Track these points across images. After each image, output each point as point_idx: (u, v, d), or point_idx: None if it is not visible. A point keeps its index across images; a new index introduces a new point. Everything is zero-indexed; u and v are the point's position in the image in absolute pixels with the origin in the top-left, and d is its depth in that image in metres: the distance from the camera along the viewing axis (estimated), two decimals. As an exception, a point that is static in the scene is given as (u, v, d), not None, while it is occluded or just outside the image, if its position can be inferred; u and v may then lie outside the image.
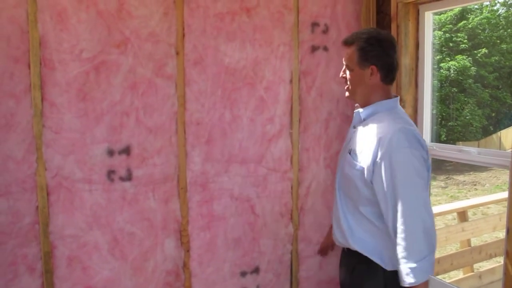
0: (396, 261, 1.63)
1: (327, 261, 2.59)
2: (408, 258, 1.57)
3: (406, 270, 1.58)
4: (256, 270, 2.41)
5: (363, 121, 1.79)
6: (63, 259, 1.99)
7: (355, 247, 1.77)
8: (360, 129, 1.78)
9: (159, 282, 2.19)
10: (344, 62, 1.80)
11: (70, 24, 1.92)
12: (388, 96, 1.77)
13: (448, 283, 2.55)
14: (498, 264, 4.44)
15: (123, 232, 2.09)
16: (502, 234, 6.03)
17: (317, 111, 2.49)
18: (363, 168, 1.67)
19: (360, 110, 1.79)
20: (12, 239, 1.90)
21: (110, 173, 2.05)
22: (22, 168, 1.89)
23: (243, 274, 2.39)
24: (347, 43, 1.79)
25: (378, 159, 1.62)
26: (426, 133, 2.49)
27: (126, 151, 2.07)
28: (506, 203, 1.98)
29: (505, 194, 6.78)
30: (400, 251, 1.59)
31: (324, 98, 2.50)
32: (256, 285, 2.42)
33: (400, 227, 1.58)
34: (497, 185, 12.67)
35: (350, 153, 1.77)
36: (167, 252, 2.19)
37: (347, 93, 1.84)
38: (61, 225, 1.98)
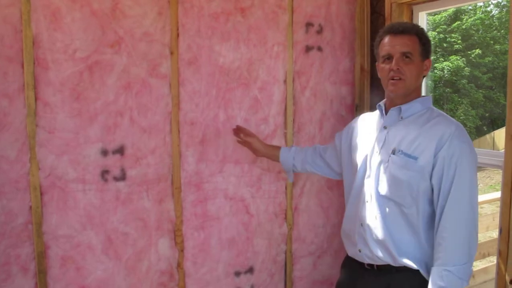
0: (430, 261, 1.59)
1: (322, 261, 2.59)
2: (445, 259, 1.52)
3: (440, 273, 1.52)
4: (250, 270, 2.42)
5: (402, 119, 1.71)
6: (56, 259, 1.98)
7: (403, 261, 1.64)
8: (401, 127, 1.70)
9: (153, 282, 2.18)
10: (400, 52, 1.66)
11: (64, 24, 1.92)
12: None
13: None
14: (491, 264, 4.46)
15: (117, 232, 2.09)
16: (495, 234, 6.06)
17: (311, 111, 2.49)
18: (423, 166, 1.59)
19: (402, 107, 1.70)
20: (5, 239, 1.89)
21: (104, 173, 2.04)
22: (15, 168, 1.88)
23: (237, 274, 2.39)
24: (405, 31, 1.67)
25: (441, 154, 1.56)
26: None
27: (120, 151, 2.06)
28: (499, 203, 1.99)
29: (498, 194, 6.82)
30: (439, 250, 1.54)
31: (318, 98, 2.51)
32: (250, 285, 2.42)
33: (445, 225, 1.54)
34: (491, 185, 12.73)
35: (395, 154, 1.66)
36: (161, 252, 2.19)
37: (394, 87, 1.67)
38: (54, 225, 1.97)
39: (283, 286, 2.52)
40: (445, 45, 20.44)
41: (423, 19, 2.47)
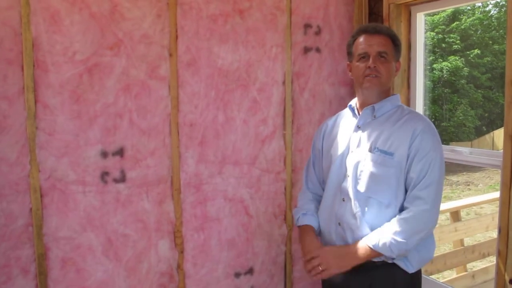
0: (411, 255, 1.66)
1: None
2: (400, 233, 1.59)
3: (392, 241, 1.59)
4: (250, 271, 2.42)
5: (375, 118, 1.76)
6: (57, 261, 1.99)
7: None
8: (375, 126, 1.74)
9: (153, 284, 2.19)
10: (377, 51, 1.70)
11: (63, 26, 1.92)
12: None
13: (442, 282, 2.57)
14: (491, 264, 4.47)
15: (117, 233, 2.09)
16: (495, 234, 6.07)
17: (310, 112, 2.50)
18: (400, 161, 1.64)
19: (375, 106, 1.74)
20: (5, 241, 1.89)
21: (104, 174, 2.05)
22: (15, 170, 1.89)
23: (237, 275, 2.39)
24: (380, 31, 1.73)
25: (414, 147, 1.63)
26: (419, 134, 2.50)
27: (120, 152, 2.07)
28: (498, 203, 2.00)
29: (498, 194, 6.84)
30: (396, 225, 1.60)
31: (317, 99, 2.51)
32: (250, 286, 2.43)
33: (410, 207, 1.62)
34: (491, 185, 12.74)
35: (371, 152, 1.70)
36: (161, 253, 2.19)
37: (370, 84, 1.71)
38: (54, 227, 1.97)
39: (283, 287, 2.53)
40: (443, 45, 20.44)
41: (421, 20, 2.48)
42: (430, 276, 2.64)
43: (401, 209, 1.68)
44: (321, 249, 1.74)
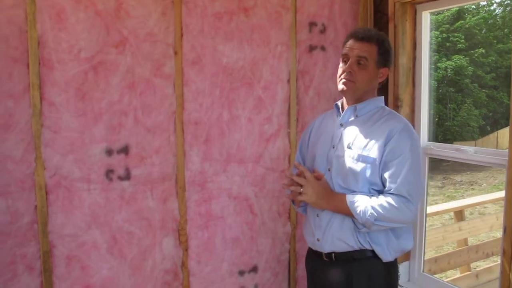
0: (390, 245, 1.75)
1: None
2: (378, 210, 1.65)
3: (366, 209, 1.66)
4: (254, 269, 2.42)
5: (356, 117, 1.83)
6: (62, 258, 1.99)
7: (364, 244, 1.75)
8: (356, 124, 1.81)
9: (157, 281, 2.19)
10: (356, 56, 1.75)
11: (69, 24, 1.93)
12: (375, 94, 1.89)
13: (446, 282, 2.57)
14: (495, 263, 4.46)
15: (121, 231, 2.10)
16: (499, 234, 6.04)
17: (315, 111, 2.50)
18: (375, 159, 1.71)
19: (357, 106, 1.82)
20: (11, 238, 1.90)
21: (109, 172, 2.05)
22: (20, 167, 1.89)
23: (241, 273, 2.40)
24: (366, 38, 1.76)
25: (389, 146, 1.69)
26: (424, 132, 2.51)
27: (125, 150, 2.07)
28: (503, 203, 2.00)
29: (502, 194, 6.81)
30: (380, 202, 1.66)
31: (322, 97, 2.51)
32: (254, 284, 2.43)
33: (390, 199, 1.66)
34: (494, 185, 12.69)
35: (350, 148, 1.77)
36: (166, 251, 2.20)
37: (345, 87, 1.77)
38: (60, 224, 1.98)
39: (287, 285, 2.53)
40: (448, 44, 20.36)
41: (426, 19, 2.47)
42: (434, 275, 2.64)
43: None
44: (313, 178, 1.79)
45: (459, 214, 4.47)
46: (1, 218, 1.87)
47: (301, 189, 1.76)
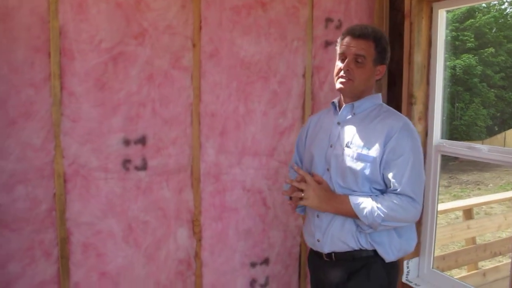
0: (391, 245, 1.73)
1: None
2: (384, 210, 1.63)
3: (372, 210, 1.64)
4: (265, 261, 2.45)
5: (354, 115, 1.81)
6: (78, 245, 2.03)
7: (365, 245, 1.74)
8: (354, 123, 1.79)
9: (171, 271, 2.22)
10: (354, 54, 1.73)
11: (90, 15, 1.95)
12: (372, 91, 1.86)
13: (455, 278, 2.58)
14: (503, 263, 4.47)
15: (137, 220, 2.13)
16: (505, 234, 6.06)
17: (329, 106, 2.51)
18: (375, 157, 1.69)
19: (354, 104, 1.80)
20: (30, 224, 1.93)
21: (126, 162, 2.08)
22: (40, 155, 1.93)
23: (253, 265, 2.42)
24: (363, 36, 1.74)
25: (389, 145, 1.68)
26: (437, 130, 2.51)
27: (142, 141, 2.10)
28: (510, 203, 2.01)
29: (508, 194, 6.80)
30: (386, 202, 1.65)
31: (336, 93, 2.49)
32: (266, 276, 2.46)
33: (396, 198, 1.65)
34: (501, 185, 12.67)
35: (349, 147, 1.74)
36: (180, 241, 2.23)
37: (343, 86, 1.76)
38: (77, 212, 2.01)
39: (297, 277, 2.55)
40: (457, 43, 20.26)
41: (442, 17, 2.47)
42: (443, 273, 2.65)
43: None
44: (314, 181, 1.75)
45: (468, 213, 4.47)
46: (21, 205, 1.91)
47: (302, 194, 1.73)
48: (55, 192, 1.96)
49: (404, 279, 2.50)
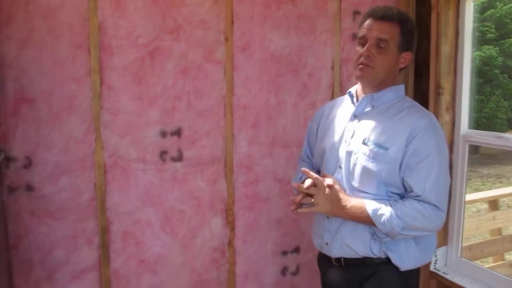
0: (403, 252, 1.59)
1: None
2: (403, 218, 1.50)
3: (391, 217, 1.49)
4: (296, 250, 2.50)
5: (373, 108, 1.64)
6: (118, 234, 2.11)
7: (378, 253, 1.60)
8: (372, 117, 1.62)
9: (206, 258, 2.30)
10: (375, 38, 1.55)
11: (127, 11, 2.02)
12: (397, 82, 1.68)
13: (484, 267, 2.60)
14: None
15: (173, 210, 2.20)
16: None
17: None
18: (394, 157, 1.54)
19: (374, 96, 1.63)
20: (73, 214, 2.02)
21: (163, 153, 2.15)
22: (82, 147, 2.01)
23: (284, 253, 2.48)
24: (387, 18, 1.55)
25: (412, 145, 1.52)
26: (464, 120, 2.53)
27: (178, 133, 2.17)
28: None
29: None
30: (405, 209, 1.50)
31: (364, 84, 2.56)
32: (297, 264, 2.51)
33: (418, 206, 1.51)
34: (514, 181, 12.50)
35: (365, 144, 1.58)
36: (214, 230, 2.30)
37: (361, 73, 1.58)
38: (116, 202, 2.09)
39: (327, 266, 2.60)
40: (477, 34, 19.97)
41: (470, 7, 2.49)
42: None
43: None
44: (324, 184, 1.58)
45: (494, 204, 4.46)
46: (65, 195, 2.00)
47: (312, 200, 1.57)
48: (96, 182, 2.04)
49: (432, 268, 2.53)
